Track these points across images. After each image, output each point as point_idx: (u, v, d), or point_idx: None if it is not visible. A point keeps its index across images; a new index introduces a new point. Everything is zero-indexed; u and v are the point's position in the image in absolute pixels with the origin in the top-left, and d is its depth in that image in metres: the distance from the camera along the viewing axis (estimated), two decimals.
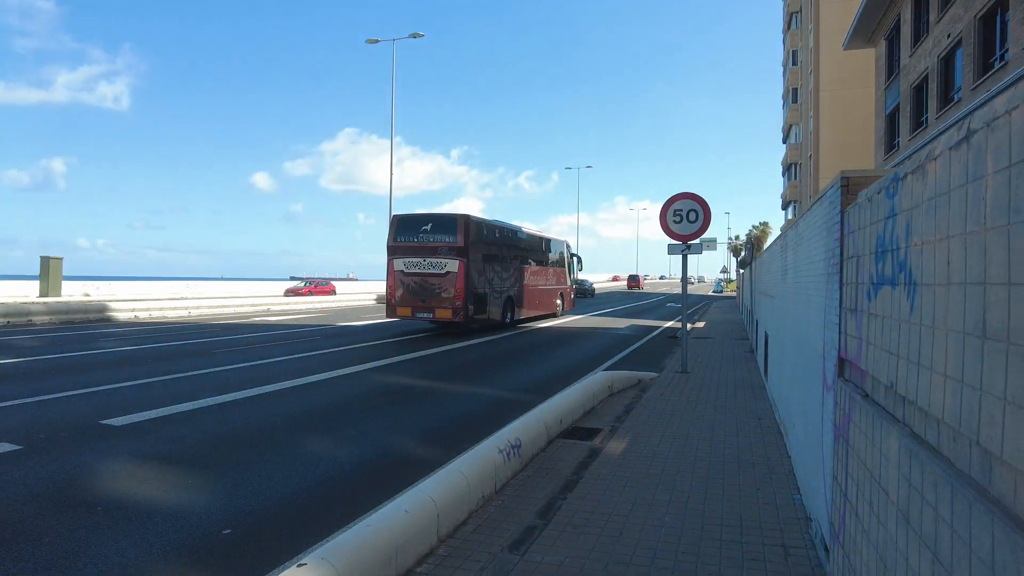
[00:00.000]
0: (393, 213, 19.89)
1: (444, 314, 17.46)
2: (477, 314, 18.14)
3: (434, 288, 17.44)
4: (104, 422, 7.28)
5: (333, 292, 44.69)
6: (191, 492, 5.14)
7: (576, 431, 6.86)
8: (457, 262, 17.38)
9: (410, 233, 18.18)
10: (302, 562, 3.00)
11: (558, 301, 25.46)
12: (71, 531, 4.33)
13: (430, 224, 18.07)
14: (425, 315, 17.77)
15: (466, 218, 17.84)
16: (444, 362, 13.14)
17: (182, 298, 26.81)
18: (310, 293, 42.68)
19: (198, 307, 26.56)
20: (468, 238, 17.63)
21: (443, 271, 17.42)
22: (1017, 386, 1.30)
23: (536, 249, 23.24)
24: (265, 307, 29.53)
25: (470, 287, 17.56)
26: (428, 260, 17.64)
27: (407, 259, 17.91)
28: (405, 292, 17.80)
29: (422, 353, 14.25)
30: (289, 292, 41.35)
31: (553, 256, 24.99)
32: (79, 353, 13.41)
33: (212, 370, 11.21)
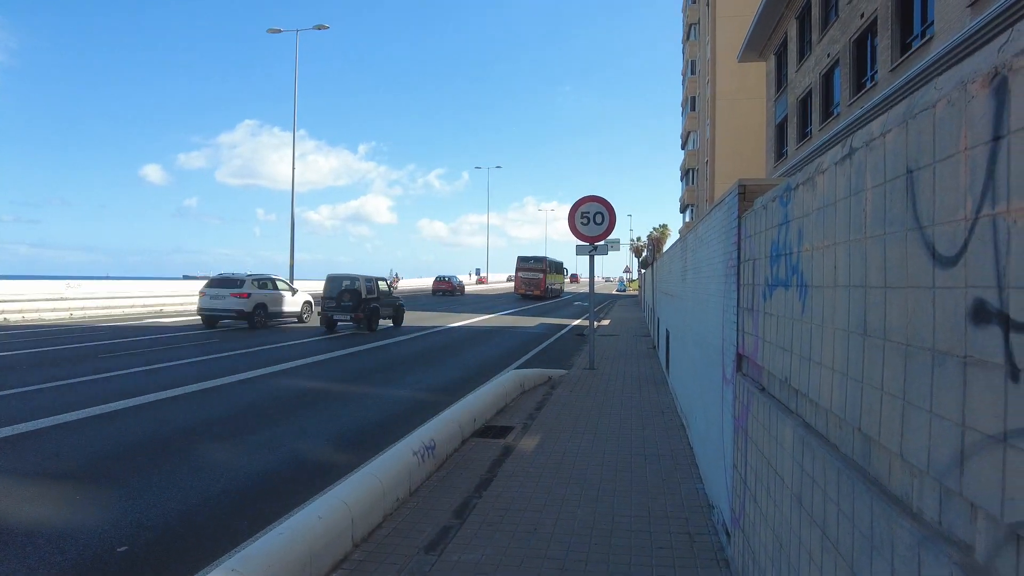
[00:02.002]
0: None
1: (537, 293, 44.27)
2: (546, 295, 45.02)
3: (533, 282, 44.58)
4: None
5: None
6: (79, 509, 4.78)
7: (489, 430, 6.92)
8: (541, 274, 44.81)
9: (524, 262, 45.85)
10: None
11: (563, 291, 55.47)
12: None
13: (532, 260, 46.06)
14: (529, 293, 44.35)
15: (545, 257, 46.44)
16: (353, 364, 12.87)
17: (62, 298, 24.64)
18: None
19: (81, 308, 24.55)
20: (544, 265, 45.35)
21: (537, 278, 44.63)
22: (891, 378, 1.47)
23: (557, 267, 51.67)
24: (158, 307, 27.75)
25: (544, 283, 44.88)
26: (531, 273, 44.98)
27: (523, 272, 45.31)
28: (522, 284, 44.91)
29: (330, 355, 13.89)
30: None
31: (560, 269, 53.89)
32: None
33: (98, 376, 10.42)
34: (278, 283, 22.32)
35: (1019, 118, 0.96)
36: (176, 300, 29.69)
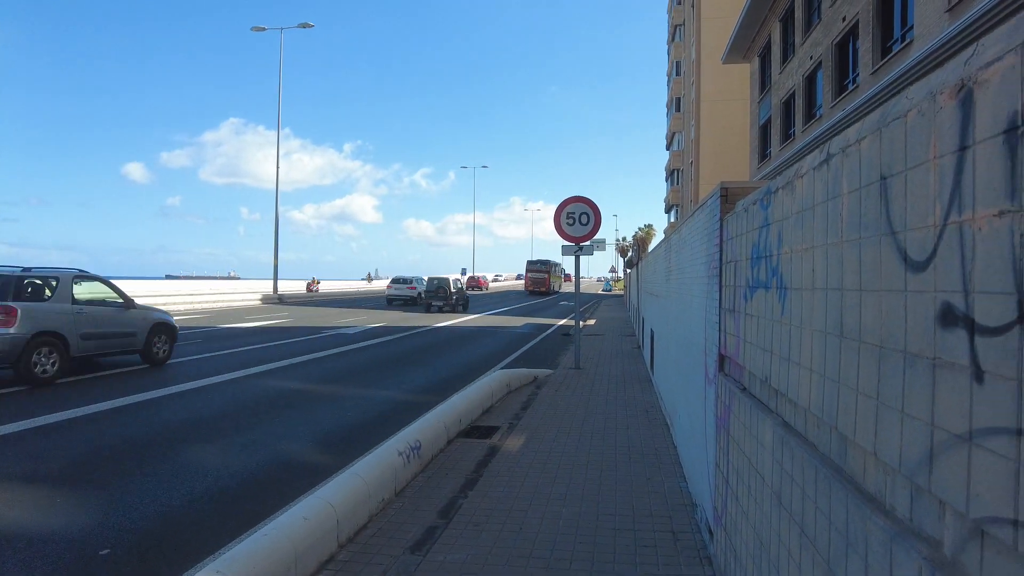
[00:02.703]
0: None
1: (543, 290, 56.08)
2: (549, 291, 56.09)
3: (540, 281, 56.78)
4: None
5: None
6: (60, 512, 4.73)
7: (475, 430, 6.94)
8: (546, 274, 57.30)
9: (532, 265, 58.81)
10: None
11: (560, 289, 63.44)
12: None
13: (538, 263, 58.58)
14: (536, 290, 56.27)
15: (549, 261, 59.70)
16: (339, 365, 12.82)
17: None
18: None
19: None
20: (549, 267, 58.26)
21: (543, 277, 56.88)
22: (865, 379, 1.50)
23: (557, 268, 60.41)
24: None
25: (549, 282, 56.93)
26: (538, 273, 57.48)
27: (531, 273, 58.12)
28: (531, 283, 57.28)
29: (314, 356, 13.82)
30: None
31: (559, 270, 63.88)
32: None
33: (79, 378, 10.30)
34: (426, 280, 34.99)
35: (984, 129, 1.00)
36: (158, 300, 29.37)
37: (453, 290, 30.81)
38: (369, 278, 63.49)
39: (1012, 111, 0.92)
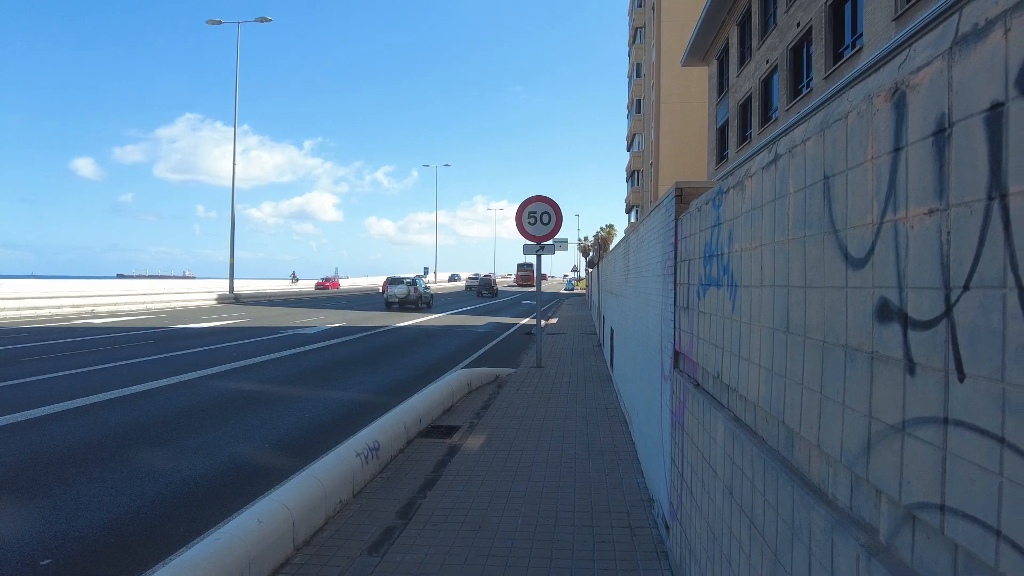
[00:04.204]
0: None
1: (528, 284, 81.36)
2: (533, 285, 73.49)
3: (527, 278, 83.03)
4: None
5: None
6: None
7: (435, 430, 6.91)
8: (531, 272, 78.58)
9: (522, 265, 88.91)
10: None
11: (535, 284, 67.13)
12: None
13: (526, 265, 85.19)
14: (524, 285, 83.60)
15: (531, 263, 74.34)
16: (296, 365, 12.61)
17: None
18: None
19: (1, 309, 23.24)
20: (532, 267, 76.44)
21: (528, 274, 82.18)
22: (810, 373, 1.55)
23: (536, 267, 64.37)
24: (89, 308, 26.50)
25: (533, 277, 75.02)
26: (525, 272, 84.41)
27: (520, 272, 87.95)
28: (520, 279, 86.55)
29: (271, 357, 13.56)
30: None
31: (534, 268, 70.69)
32: None
33: (21, 381, 9.90)
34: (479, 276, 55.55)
35: (915, 131, 1.04)
36: (109, 300, 28.43)
37: (492, 285, 51.32)
38: (294, 278, 58.18)
39: (940, 113, 0.96)
